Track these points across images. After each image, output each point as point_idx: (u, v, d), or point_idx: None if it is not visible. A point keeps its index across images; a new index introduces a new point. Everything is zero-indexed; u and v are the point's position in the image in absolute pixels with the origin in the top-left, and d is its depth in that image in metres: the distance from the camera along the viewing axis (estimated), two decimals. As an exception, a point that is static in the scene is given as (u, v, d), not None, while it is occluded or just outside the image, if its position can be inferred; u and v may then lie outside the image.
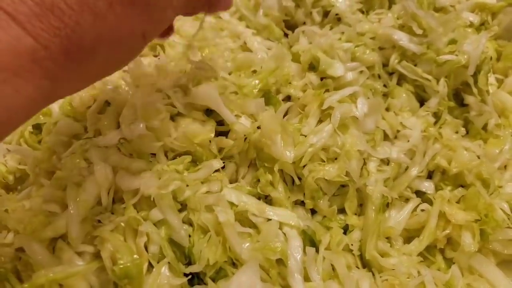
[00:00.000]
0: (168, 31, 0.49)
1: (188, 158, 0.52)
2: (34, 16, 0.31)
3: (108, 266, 0.42)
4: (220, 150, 0.54)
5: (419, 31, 0.64)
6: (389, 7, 0.71)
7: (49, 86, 0.34)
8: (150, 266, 0.44)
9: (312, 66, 0.63)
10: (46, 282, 0.41)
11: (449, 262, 0.55)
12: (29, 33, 0.31)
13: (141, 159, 0.50)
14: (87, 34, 0.33)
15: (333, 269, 0.49)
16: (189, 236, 0.46)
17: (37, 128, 0.61)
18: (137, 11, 0.36)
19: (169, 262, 0.44)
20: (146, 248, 0.44)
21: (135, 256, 0.42)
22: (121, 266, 0.41)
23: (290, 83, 0.62)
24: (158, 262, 0.44)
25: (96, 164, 0.46)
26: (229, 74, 0.61)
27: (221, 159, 0.54)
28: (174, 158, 0.52)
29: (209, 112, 0.55)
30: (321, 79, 0.61)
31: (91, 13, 0.33)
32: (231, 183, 0.54)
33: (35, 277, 0.41)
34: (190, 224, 0.47)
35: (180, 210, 0.48)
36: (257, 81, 0.59)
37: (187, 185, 0.49)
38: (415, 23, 0.64)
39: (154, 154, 0.51)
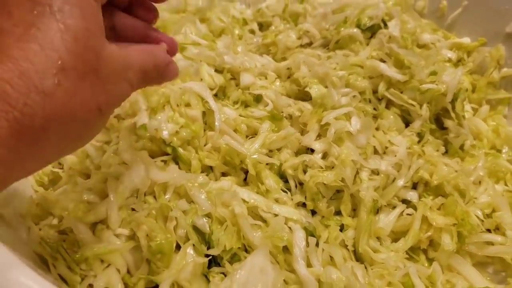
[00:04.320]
0: None
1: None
2: None
3: (143, 244, 0.49)
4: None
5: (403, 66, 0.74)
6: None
7: (2, 173, 0.33)
8: (177, 248, 0.51)
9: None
10: (91, 256, 0.48)
11: (431, 261, 0.62)
12: None
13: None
14: (36, 114, 0.32)
15: (331, 259, 0.56)
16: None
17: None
18: (88, 85, 0.35)
19: (193, 244, 0.51)
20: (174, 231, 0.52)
21: (168, 235, 0.49)
22: (157, 242, 0.48)
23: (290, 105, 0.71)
24: (184, 244, 0.51)
25: (132, 163, 0.54)
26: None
27: None
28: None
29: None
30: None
31: (38, 93, 0.32)
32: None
33: (82, 250, 0.48)
34: (209, 216, 0.55)
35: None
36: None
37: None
38: (398, 61, 0.74)
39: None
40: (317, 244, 0.57)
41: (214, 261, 0.53)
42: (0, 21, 0.33)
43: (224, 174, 0.64)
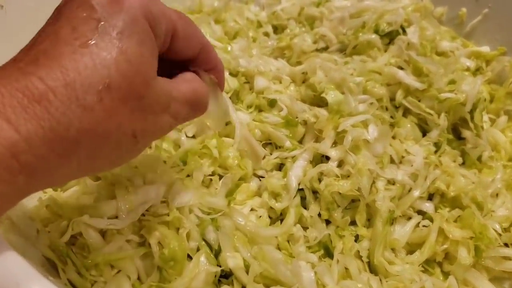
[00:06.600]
0: None
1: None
2: (20, 108, 0.31)
3: (155, 250, 0.48)
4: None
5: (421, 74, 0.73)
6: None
7: (24, 181, 0.32)
8: (189, 258, 0.50)
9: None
10: (101, 261, 0.47)
11: (446, 275, 0.60)
12: (12, 125, 0.30)
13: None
14: (72, 126, 0.32)
15: (346, 271, 0.55)
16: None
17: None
18: (128, 109, 0.35)
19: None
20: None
21: (182, 242, 0.48)
22: (171, 248, 0.47)
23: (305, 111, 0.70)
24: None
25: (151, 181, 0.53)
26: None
27: None
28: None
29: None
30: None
31: (79, 106, 0.32)
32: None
33: (92, 255, 0.47)
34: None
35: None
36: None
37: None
38: (416, 68, 0.73)
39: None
40: (331, 256, 0.56)
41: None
42: (63, 32, 0.34)
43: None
